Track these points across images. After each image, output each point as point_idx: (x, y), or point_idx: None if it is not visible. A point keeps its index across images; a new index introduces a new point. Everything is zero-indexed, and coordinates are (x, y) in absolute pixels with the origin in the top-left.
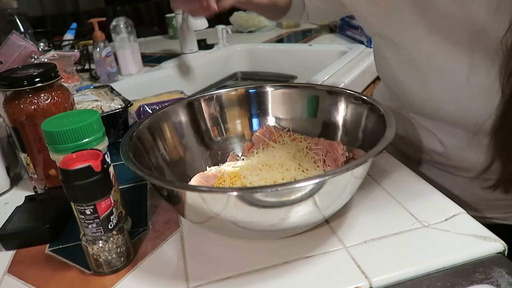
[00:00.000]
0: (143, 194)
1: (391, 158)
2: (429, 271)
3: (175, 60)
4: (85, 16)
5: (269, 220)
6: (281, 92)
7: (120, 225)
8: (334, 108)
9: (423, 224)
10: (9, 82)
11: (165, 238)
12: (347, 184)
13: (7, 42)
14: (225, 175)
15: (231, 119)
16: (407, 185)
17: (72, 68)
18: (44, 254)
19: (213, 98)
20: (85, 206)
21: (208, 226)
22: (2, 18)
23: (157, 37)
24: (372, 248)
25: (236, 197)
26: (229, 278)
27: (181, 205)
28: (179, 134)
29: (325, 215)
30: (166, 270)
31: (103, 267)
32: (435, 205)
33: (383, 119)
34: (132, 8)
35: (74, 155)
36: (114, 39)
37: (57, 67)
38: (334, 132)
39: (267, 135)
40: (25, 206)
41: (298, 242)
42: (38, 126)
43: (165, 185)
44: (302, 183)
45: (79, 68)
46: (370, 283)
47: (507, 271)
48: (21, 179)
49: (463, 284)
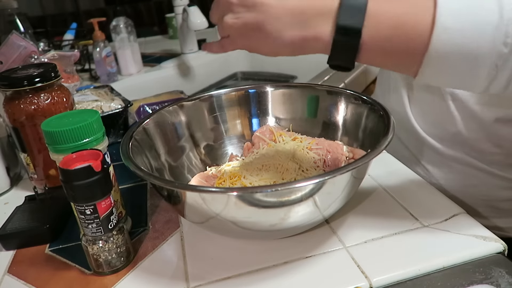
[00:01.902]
0: (143, 194)
1: (391, 158)
2: (429, 271)
3: (175, 60)
4: (85, 16)
5: (269, 220)
6: (281, 92)
7: (120, 225)
8: (334, 108)
9: (423, 224)
10: (9, 82)
11: (165, 238)
12: (347, 184)
13: (7, 42)
14: (225, 175)
15: (231, 119)
16: (407, 185)
17: (72, 68)
18: (44, 254)
19: (213, 98)
20: (85, 206)
21: (208, 226)
22: (2, 18)
23: (157, 37)
24: (372, 248)
25: (236, 197)
26: (229, 278)
27: (181, 205)
28: (179, 134)
29: (325, 215)
30: (166, 270)
31: (103, 267)
32: (435, 205)
33: (383, 119)
34: (132, 8)
35: (74, 155)
36: (114, 39)
37: (57, 67)
38: (334, 132)
39: (267, 135)
40: (25, 206)
41: (298, 242)
42: (38, 126)
43: (165, 185)
44: (302, 183)
45: (79, 68)
46: (370, 283)
47: (507, 271)
48: (21, 179)
49: (463, 284)
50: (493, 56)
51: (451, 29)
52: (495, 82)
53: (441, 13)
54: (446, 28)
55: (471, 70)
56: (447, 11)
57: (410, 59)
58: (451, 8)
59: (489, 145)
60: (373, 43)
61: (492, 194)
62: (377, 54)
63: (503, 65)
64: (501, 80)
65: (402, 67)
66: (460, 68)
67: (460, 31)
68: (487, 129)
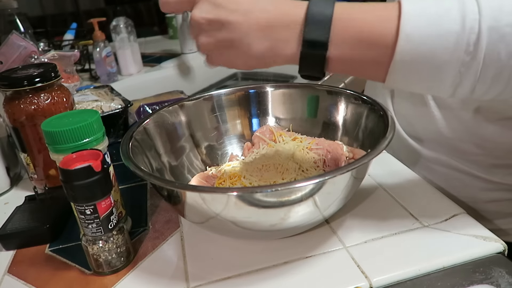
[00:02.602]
0: (143, 194)
1: (391, 158)
2: (429, 271)
3: (175, 60)
4: (85, 16)
5: (269, 220)
6: (281, 92)
7: (120, 225)
8: (334, 108)
9: (423, 224)
10: (9, 82)
11: (165, 238)
12: (347, 184)
13: (7, 42)
14: (225, 175)
15: (231, 119)
16: (407, 185)
17: (72, 68)
18: (44, 254)
19: (213, 98)
20: (85, 206)
21: (208, 226)
22: (2, 18)
23: (157, 37)
24: (372, 248)
25: (236, 197)
26: (229, 278)
27: (181, 205)
28: (179, 134)
29: (325, 215)
30: (166, 270)
31: (103, 267)
32: (435, 205)
33: (383, 119)
34: (132, 8)
35: (74, 155)
36: (114, 39)
37: (57, 67)
38: (334, 132)
39: (267, 135)
40: (25, 206)
41: (298, 242)
42: (38, 126)
43: (165, 185)
44: (302, 183)
45: (79, 68)
46: (370, 283)
47: (507, 271)
48: (21, 179)
49: (463, 284)
50: (456, 63)
51: (414, 38)
52: (460, 88)
53: (405, 22)
54: (410, 37)
55: (436, 77)
56: (411, 21)
57: (377, 67)
58: (414, 18)
59: (470, 146)
60: (340, 53)
61: (474, 196)
62: (345, 63)
63: (466, 72)
64: (465, 85)
65: (371, 74)
66: (425, 75)
67: (423, 40)
68: (468, 129)
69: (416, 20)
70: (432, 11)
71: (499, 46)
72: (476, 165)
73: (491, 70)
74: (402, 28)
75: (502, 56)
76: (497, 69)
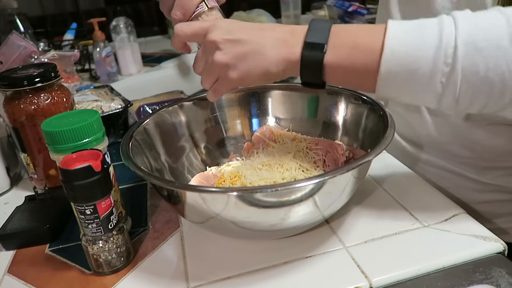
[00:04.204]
0: (143, 194)
1: (391, 158)
2: (429, 271)
3: (175, 60)
4: (85, 16)
5: (269, 220)
6: (281, 92)
7: (120, 225)
8: (334, 108)
9: (423, 224)
10: (9, 82)
11: (165, 238)
12: (347, 184)
13: (7, 42)
14: (225, 175)
15: (231, 119)
16: (407, 185)
17: (72, 68)
18: (44, 254)
19: None
20: (85, 206)
21: (208, 226)
22: (2, 18)
23: (157, 37)
24: (372, 248)
25: (236, 197)
26: (229, 278)
27: (181, 205)
28: (179, 134)
29: (325, 215)
30: (166, 270)
31: (103, 267)
32: (435, 205)
33: (383, 119)
34: (132, 8)
35: (74, 155)
36: (114, 39)
37: (57, 67)
38: (334, 132)
39: (267, 135)
40: (25, 206)
41: (298, 242)
42: (38, 126)
43: (165, 185)
44: (302, 183)
45: (79, 68)
46: (370, 283)
47: (507, 271)
48: (21, 179)
49: (463, 284)
50: (437, 74)
51: (397, 52)
52: (444, 98)
53: (389, 37)
54: (393, 51)
55: (419, 88)
56: (395, 35)
57: (367, 77)
58: (398, 33)
59: (461, 149)
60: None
61: (466, 197)
62: (339, 70)
63: (447, 82)
64: (448, 96)
65: (362, 84)
66: (409, 86)
67: (405, 53)
68: (459, 133)
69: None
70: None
71: (476, 59)
72: (468, 166)
73: (472, 82)
74: (386, 41)
75: (480, 69)
76: (477, 81)
